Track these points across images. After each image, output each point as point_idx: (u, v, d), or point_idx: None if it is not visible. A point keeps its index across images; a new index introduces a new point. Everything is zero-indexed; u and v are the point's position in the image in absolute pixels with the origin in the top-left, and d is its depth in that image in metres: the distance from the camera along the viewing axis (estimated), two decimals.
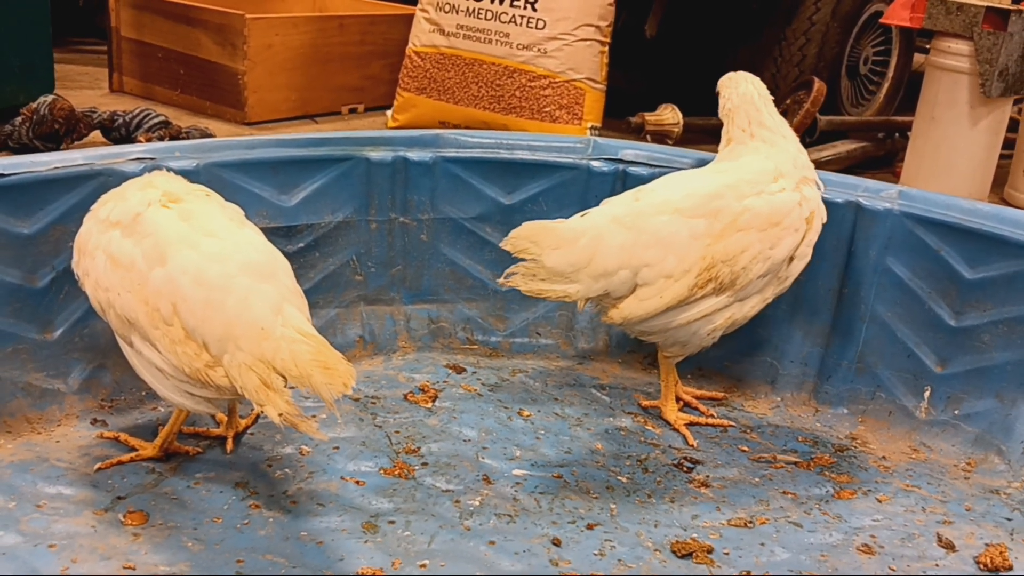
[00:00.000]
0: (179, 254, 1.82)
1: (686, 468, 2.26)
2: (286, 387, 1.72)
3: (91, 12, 6.58)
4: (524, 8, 4.68)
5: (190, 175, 2.27)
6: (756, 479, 2.24)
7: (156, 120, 4.14)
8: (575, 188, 2.75)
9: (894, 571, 1.95)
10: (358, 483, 2.08)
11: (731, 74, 2.57)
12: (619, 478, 2.19)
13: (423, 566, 1.84)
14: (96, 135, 4.20)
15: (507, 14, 4.70)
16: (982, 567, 1.98)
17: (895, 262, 2.51)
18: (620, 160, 2.79)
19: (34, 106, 4.00)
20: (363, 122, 5.29)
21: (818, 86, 4.94)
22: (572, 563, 1.89)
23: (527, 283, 2.23)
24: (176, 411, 2.05)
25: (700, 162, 2.69)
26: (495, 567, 1.86)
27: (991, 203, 3.27)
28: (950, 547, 2.04)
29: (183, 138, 4.10)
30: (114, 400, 2.28)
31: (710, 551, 1.95)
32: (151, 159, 2.32)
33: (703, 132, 5.19)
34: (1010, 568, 1.97)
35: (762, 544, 2.00)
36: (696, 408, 2.53)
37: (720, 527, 2.04)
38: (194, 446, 2.13)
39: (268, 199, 2.49)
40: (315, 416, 2.29)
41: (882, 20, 5.01)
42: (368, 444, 2.22)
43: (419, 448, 2.24)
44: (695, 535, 2.00)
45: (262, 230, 2.02)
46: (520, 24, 4.68)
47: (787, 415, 2.57)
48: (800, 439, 2.45)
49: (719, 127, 5.57)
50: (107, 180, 2.23)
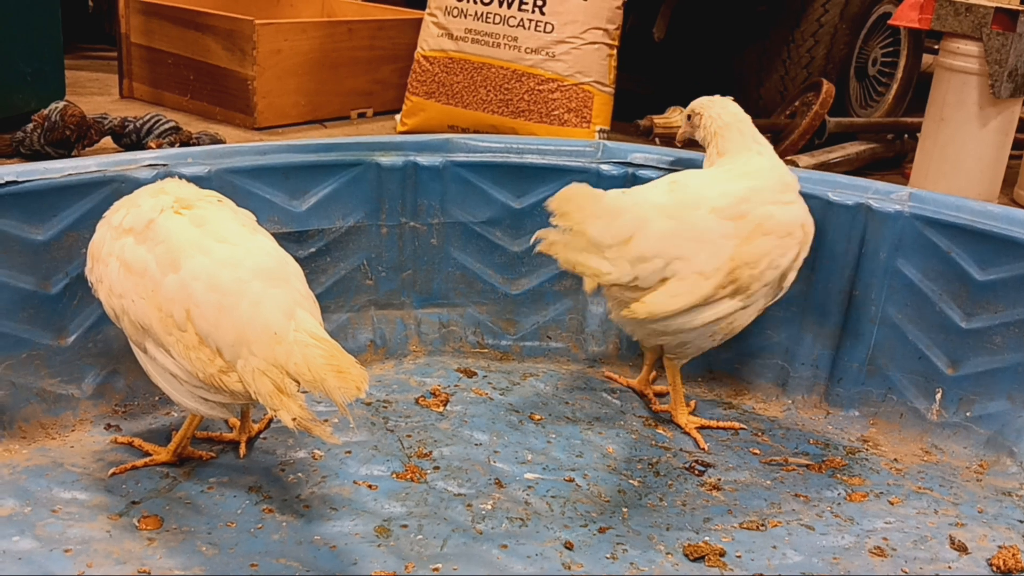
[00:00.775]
0: (192, 260, 1.83)
1: (697, 471, 2.26)
2: (299, 391, 1.73)
3: (100, 18, 6.62)
4: (532, 12, 4.69)
5: (202, 181, 2.29)
6: (768, 482, 2.24)
7: (166, 126, 4.16)
8: None
9: (906, 573, 1.95)
10: (370, 487, 2.08)
11: (707, 98, 2.60)
12: (631, 481, 2.20)
13: (436, 570, 1.84)
14: (107, 141, 4.23)
15: (515, 18, 4.72)
16: (995, 569, 1.98)
17: (906, 264, 2.51)
18: (629, 163, 2.80)
19: (46, 113, 4.03)
20: (372, 126, 5.31)
21: (827, 88, 4.94)
22: (584, 567, 1.89)
23: (565, 252, 2.16)
24: (189, 416, 2.06)
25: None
26: (508, 571, 1.86)
27: (1000, 204, 3.27)
28: (963, 549, 2.04)
29: (193, 144, 4.12)
30: (127, 405, 2.29)
31: (722, 554, 1.95)
32: (163, 165, 2.33)
33: None
34: (1023, 570, 1.97)
35: (774, 547, 2.00)
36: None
37: (732, 530, 2.05)
38: (207, 451, 2.15)
39: (280, 204, 2.50)
40: (327, 420, 2.30)
41: (891, 21, 5.00)
42: (380, 448, 2.23)
43: (431, 452, 2.24)
44: (707, 538, 2.00)
45: (273, 235, 2.03)
46: (528, 28, 4.70)
47: (798, 418, 2.57)
48: (811, 442, 2.45)
49: None
50: (120, 187, 2.24)
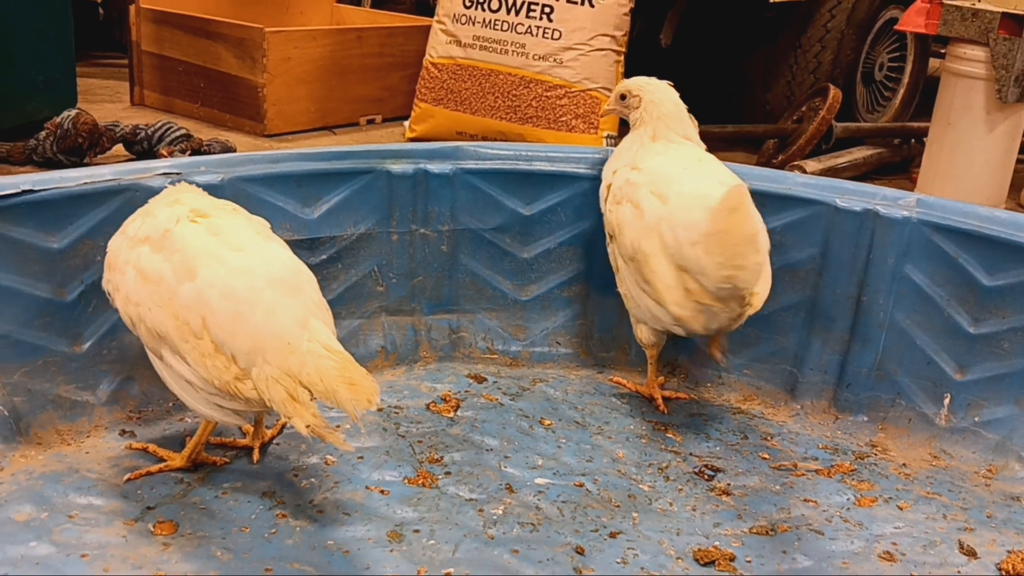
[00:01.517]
0: (207, 268, 1.85)
1: (707, 476, 2.28)
2: (312, 400, 1.75)
3: (110, 26, 6.66)
4: (540, 19, 4.71)
5: (215, 189, 2.31)
6: (777, 487, 2.26)
7: (178, 133, 4.19)
8: (594, 198, 2.76)
9: None
10: (383, 492, 2.10)
11: (644, 79, 2.63)
12: (641, 486, 2.21)
13: (448, 574, 1.86)
14: (119, 149, 4.27)
15: (523, 25, 4.74)
16: (1004, 574, 1.98)
17: (913, 269, 2.52)
18: None
19: (58, 120, 4.06)
20: (381, 133, 5.34)
21: (833, 93, 4.96)
22: (595, 571, 1.90)
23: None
24: (204, 422, 2.09)
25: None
26: (519, 575, 1.88)
27: (1007, 209, 3.28)
28: (972, 554, 2.05)
29: (204, 151, 4.15)
30: (142, 411, 2.31)
31: (732, 559, 1.97)
32: (177, 174, 2.35)
33: (718, 140, 5.21)
34: None
35: (784, 552, 2.01)
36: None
37: (742, 535, 2.06)
38: (221, 456, 2.17)
39: (292, 212, 2.53)
40: (339, 426, 2.32)
41: (897, 27, 5.02)
42: (392, 454, 2.25)
43: (442, 457, 2.26)
44: (717, 543, 2.02)
45: (286, 243, 2.05)
46: (536, 35, 4.72)
47: (807, 422, 2.59)
48: (820, 446, 2.46)
49: (735, 135, 5.57)
50: (135, 195, 2.27)
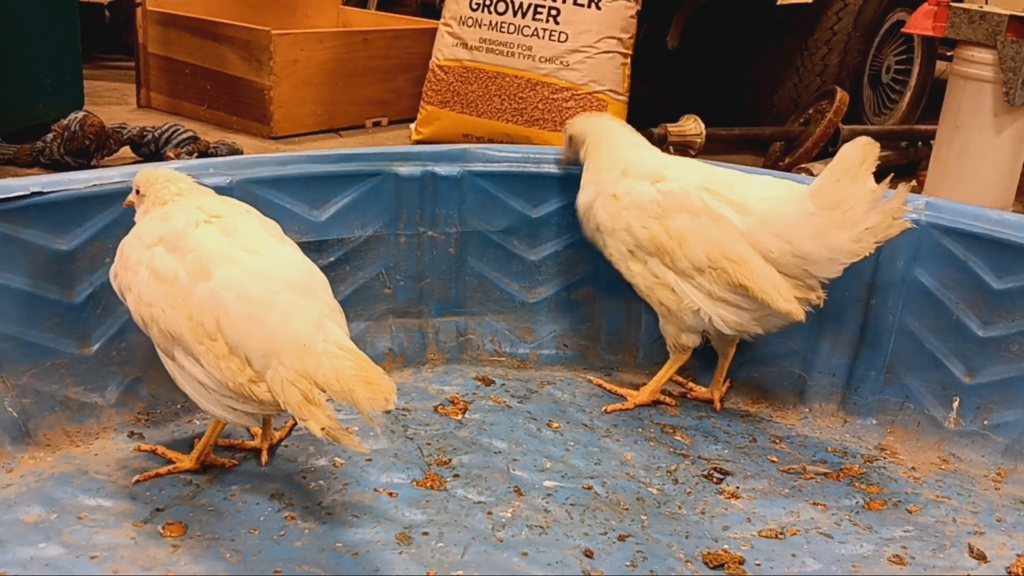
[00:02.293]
0: (222, 270, 1.85)
1: (716, 479, 2.27)
2: (327, 401, 1.75)
3: (117, 28, 6.67)
4: (546, 21, 4.71)
5: (224, 191, 2.31)
6: (786, 490, 2.25)
7: (184, 135, 4.20)
8: None
9: None
10: (391, 495, 2.10)
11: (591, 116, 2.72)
12: (649, 489, 2.21)
13: None
14: (126, 151, 4.27)
15: (529, 27, 4.74)
16: None
17: (923, 272, 2.52)
18: None
19: (65, 122, 4.07)
20: (387, 135, 5.34)
21: (840, 96, 4.95)
22: (604, 574, 1.90)
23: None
24: (212, 424, 2.09)
25: None
26: None
27: (1016, 212, 3.27)
28: (982, 558, 2.04)
29: (211, 153, 4.15)
30: (150, 413, 2.31)
31: (741, 562, 1.96)
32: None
33: (725, 142, 5.21)
34: None
35: (793, 555, 2.01)
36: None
37: (751, 538, 2.05)
38: (230, 458, 2.17)
39: (300, 214, 2.53)
40: (348, 428, 2.32)
41: (904, 29, 5.00)
42: (400, 456, 2.25)
43: (450, 460, 2.26)
44: (726, 546, 2.01)
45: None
46: (542, 37, 4.72)
47: (815, 426, 2.58)
48: (829, 450, 2.46)
49: (741, 137, 5.58)
50: None
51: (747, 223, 2.32)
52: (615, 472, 2.27)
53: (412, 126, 5.14)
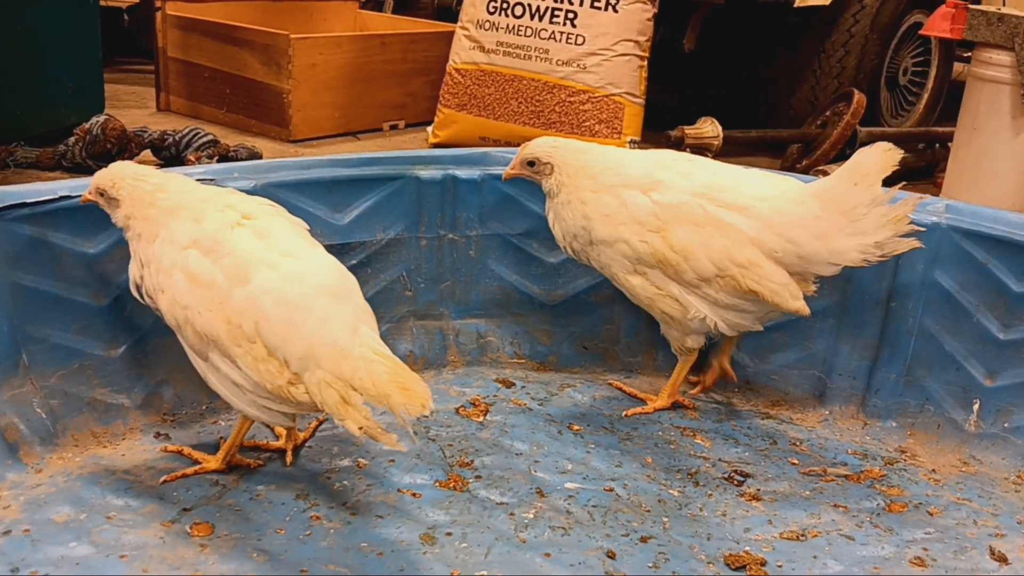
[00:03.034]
0: (260, 274, 1.87)
1: (737, 481, 2.28)
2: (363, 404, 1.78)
3: (135, 32, 6.72)
4: (564, 24, 4.73)
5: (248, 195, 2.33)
6: (807, 492, 2.26)
7: (205, 139, 4.23)
8: None
9: None
10: (414, 495, 2.12)
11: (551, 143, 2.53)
12: (670, 491, 2.22)
13: None
14: (146, 154, 4.31)
15: (547, 31, 4.76)
16: None
17: (943, 275, 2.52)
18: None
19: (87, 126, 4.11)
20: (404, 138, 5.37)
21: (858, 98, 4.95)
22: (627, 575, 1.91)
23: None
24: (238, 425, 2.11)
25: None
26: None
27: None
28: (1003, 560, 2.05)
29: (232, 156, 4.19)
30: (176, 414, 2.34)
31: (763, 564, 1.97)
32: (211, 180, 2.38)
33: (743, 144, 5.22)
34: None
35: (815, 557, 2.02)
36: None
37: (773, 540, 2.06)
38: (255, 459, 2.19)
39: (323, 218, 2.55)
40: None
41: (922, 32, 5.00)
42: (423, 457, 2.27)
43: (472, 461, 2.28)
44: (748, 548, 2.02)
45: None
46: (560, 40, 4.74)
47: (836, 428, 2.59)
48: (849, 452, 2.46)
49: (758, 140, 5.57)
50: None
51: (753, 226, 2.30)
52: (636, 474, 2.28)
53: (429, 129, 5.16)
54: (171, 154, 4.24)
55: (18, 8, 4.05)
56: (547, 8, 4.76)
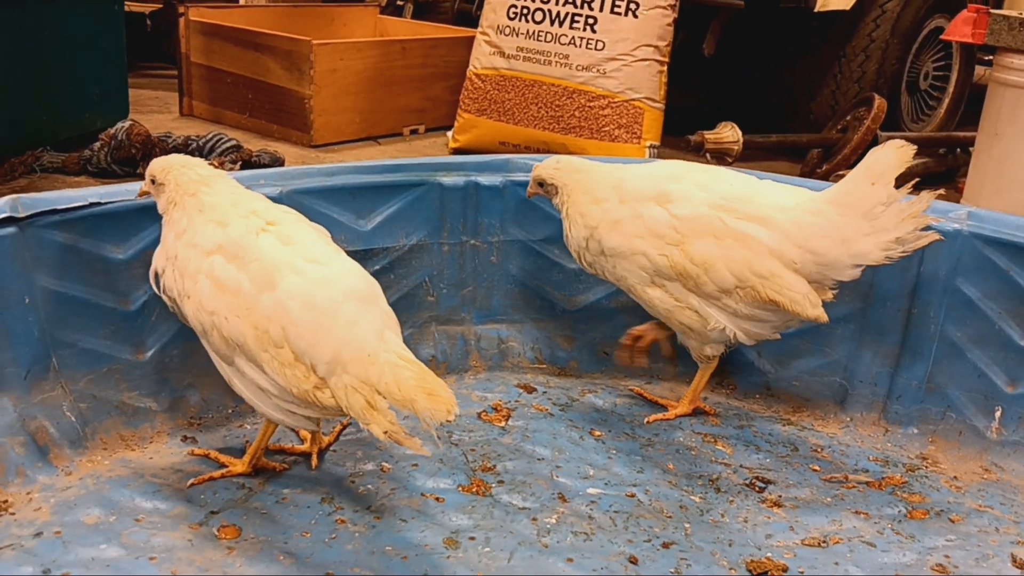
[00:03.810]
0: (286, 280, 1.90)
1: (758, 488, 2.29)
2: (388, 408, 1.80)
3: (158, 38, 6.79)
4: (584, 30, 4.74)
5: (273, 202, 2.36)
6: (828, 499, 2.27)
7: (228, 144, 4.27)
8: None
9: None
10: (438, 499, 2.14)
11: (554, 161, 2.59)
12: (692, 497, 2.23)
13: None
14: None
15: (567, 36, 4.77)
16: None
17: (965, 282, 2.52)
18: None
19: (112, 131, 4.16)
20: (424, 143, 5.39)
21: (878, 103, 4.94)
22: None
23: None
24: (263, 428, 2.14)
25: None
26: None
27: None
28: None
29: (254, 161, 4.22)
30: (202, 418, 2.37)
31: (785, 570, 1.98)
32: None
33: (762, 149, 5.22)
34: None
35: (836, 563, 2.02)
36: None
37: (794, 546, 2.07)
38: (280, 462, 2.22)
39: (347, 224, 2.58)
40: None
41: (943, 36, 4.99)
42: (445, 462, 2.29)
43: (495, 466, 2.30)
44: (769, 554, 2.03)
45: None
46: (580, 46, 4.75)
47: (857, 435, 2.59)
48: (871, 459, 2.47)
49: (779, 144, 5.57)
50: None
51: (773, 237, 2.30)
52: (658, 480, 2.29)
53: (449, 134, 5.19)
54: None
55: (44, 15, 4.10)
56: (567, 14, 4.77)
